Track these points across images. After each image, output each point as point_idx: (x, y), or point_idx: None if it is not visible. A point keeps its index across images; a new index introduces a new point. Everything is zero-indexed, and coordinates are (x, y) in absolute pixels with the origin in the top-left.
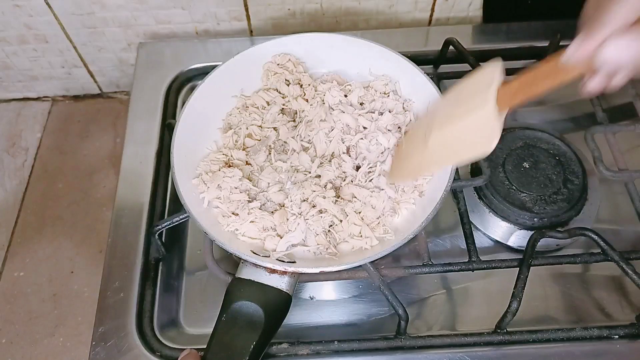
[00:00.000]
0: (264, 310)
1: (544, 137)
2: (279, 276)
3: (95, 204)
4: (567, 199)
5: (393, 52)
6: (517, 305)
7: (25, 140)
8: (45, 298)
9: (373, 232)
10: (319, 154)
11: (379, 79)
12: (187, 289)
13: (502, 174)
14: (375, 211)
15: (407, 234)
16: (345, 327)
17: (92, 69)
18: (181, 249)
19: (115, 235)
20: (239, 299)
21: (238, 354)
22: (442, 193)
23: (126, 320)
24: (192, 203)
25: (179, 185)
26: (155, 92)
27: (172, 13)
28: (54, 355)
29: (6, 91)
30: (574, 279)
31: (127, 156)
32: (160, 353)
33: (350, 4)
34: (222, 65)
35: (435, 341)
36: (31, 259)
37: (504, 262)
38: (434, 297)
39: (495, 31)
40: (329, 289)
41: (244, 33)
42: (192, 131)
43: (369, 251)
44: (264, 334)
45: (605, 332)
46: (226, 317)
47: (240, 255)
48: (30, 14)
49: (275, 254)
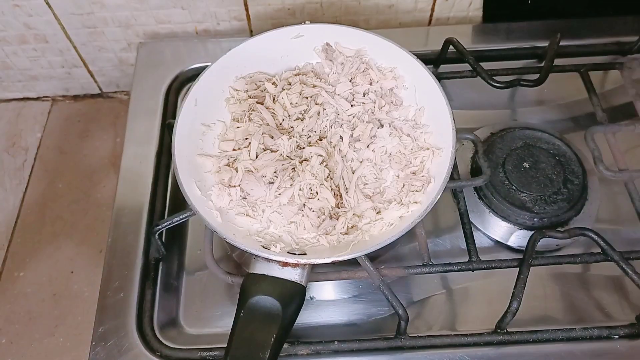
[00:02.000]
0: (281, 302)
1: (544, 137)
2: (292, 268)
3: (95, 204)
4: (567, 199)
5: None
6: (517, 305)
7: (25, 140)
8: (45, 298)
9: (382, 220)
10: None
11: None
12: (187, 288)
13: (502, 174)
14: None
15: (414, 218)
16: (345, 327)
17: (92, 69)
18: (181, 248)
19: (115, 235)
20: (255, 294)
21: (260, 347)
22: (444, 176)
23: (126, 320)
24: (197, 202)
25: (183, 185)
26: (155, 92)
27: (172, 13)
28: (54, 355)
29: (6, 91)
30: (574, 279)
31: (127, 156)
32: (160, 353)
33: (350, 4)
34: (213, 64)
35: (435, 341)
36: (31, 259)
37: (504, 262)
38: (434, 297)
39: (495, 31)
40: (329, 289)
41: (244, 33)
42: (191, 130)
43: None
44: (282, 326)
45: (605, 332)
46: (244, 313)
47: (251, 251)
48: (30, 13)
49: (286, 247)
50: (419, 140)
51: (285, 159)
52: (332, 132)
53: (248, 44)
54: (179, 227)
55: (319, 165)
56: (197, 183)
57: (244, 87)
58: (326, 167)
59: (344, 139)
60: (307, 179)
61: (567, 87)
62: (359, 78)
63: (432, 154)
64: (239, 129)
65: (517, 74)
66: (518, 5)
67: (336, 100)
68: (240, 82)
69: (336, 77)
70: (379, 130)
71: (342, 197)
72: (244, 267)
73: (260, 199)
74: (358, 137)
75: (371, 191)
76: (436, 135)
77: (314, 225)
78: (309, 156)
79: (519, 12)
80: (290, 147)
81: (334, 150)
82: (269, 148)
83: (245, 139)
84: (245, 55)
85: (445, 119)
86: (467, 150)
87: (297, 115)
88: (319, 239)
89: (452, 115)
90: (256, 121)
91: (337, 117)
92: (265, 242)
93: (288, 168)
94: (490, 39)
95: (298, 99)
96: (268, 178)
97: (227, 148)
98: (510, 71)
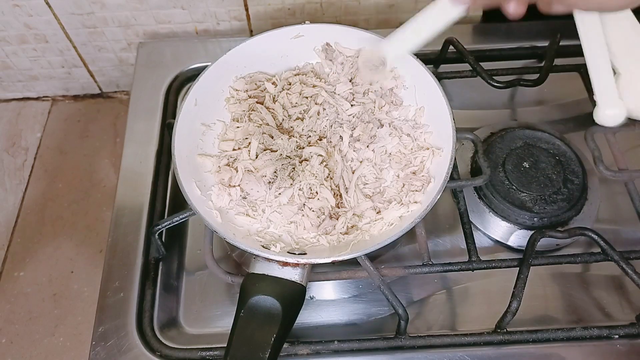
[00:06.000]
0: (281, 302)
1: (544, 137)
2: (292, 268)
3: (95, 204)
4: (567, 198)
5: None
6: (517, 305)
7: (25, 140)
8: (45, 298)
9: (382, 220)
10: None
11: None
12: (187, 288)
13: (502, 173)
14: (376, 182)
15: (414, 218)
16: (345, 327)
17: (92, 69)
18: (181, 248)
19: (115, 235)
20: (255, 293)
21: (260, 347)
22: (444, 175)
23: (126, 320)
24: (197, 202)
25: (183, 184)
26: (155, 92)
27: (172, 13)
28: (54, 355)
29: (6, 91)
30: (574, 279)
31: (127, 156)
32: (160, 353)
33: (350, 3)
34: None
35: (435, 341)
36: (31, 259)
37: (504, 262)
38: (434, 297)
39: (495, 31)
40: (329, 288)
41: (244, 33)
42: (191, 130)
43: (377, 237)
44: (282, 326)
45: (605, 332)
46: (244, 313)
47: (251, 251)
48: (30, 13)
49: (285, 247)
50: (419, 140)
51: (285, 159)
52: (332, 132)
53: (248, 44)
54: (179, 227)
55: (318, 165)
56: (197, 183)
57: (243, 87)
58: (326, 167)
59: (343, 139)
60: (307, 179)
61: (567, 87)
62: (359, 78)
63: (432, 153)
64: (239, 129)
65: (517, 73)
66: None
67: (336, 100)
68: (240, 82)
69: (336, 77)
70: (379, 130)
71: (342, 197)
72: (244, 267)
73: (260, 199)
74: (358, 137)
75: (371, 191)
76: (436, 135)
77: (313, 225)
78: (308, 156)
79: None
80: (290, 147)
81: (334, 150)
82: (269, 148)
83: (245, 139)
84: (245, 55)
85: (445, 119)
86: (467, 150)
87: (297, 115)
88: (319, 239)
89: (452, 115)
90: (256, 121)
91: (337, 117)
92: (265, 242)
93: (288, 168)
94: (490, 39)
95: (298, 98)
96: (268, 178)
97: (227, 148)
98: (510, 71)
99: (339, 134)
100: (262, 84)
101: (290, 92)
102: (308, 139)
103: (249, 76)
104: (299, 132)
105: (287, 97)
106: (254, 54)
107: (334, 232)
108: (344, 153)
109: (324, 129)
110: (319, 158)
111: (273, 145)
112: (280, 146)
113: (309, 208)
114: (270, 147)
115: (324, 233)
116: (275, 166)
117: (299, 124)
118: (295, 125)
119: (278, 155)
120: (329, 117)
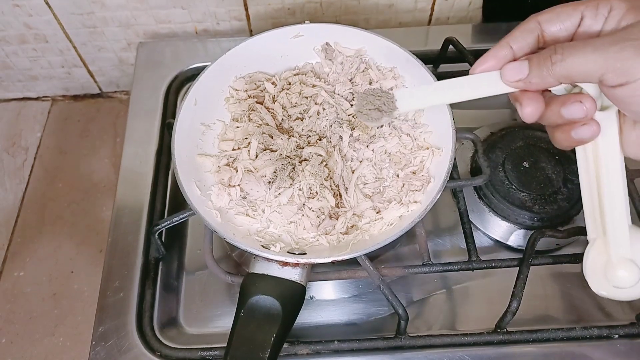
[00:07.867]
0: (281, 302)
1: (544, 137)
2: (292, 268)
3: (95, 204)
4: (567, 198)
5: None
6: (517, 305)
7: (25, 140)
8: (45, 298)
9: (382, 220)
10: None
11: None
12: (187, 288)
13: (502, 173)
14: (376, 182)
15: (414, 218)
16: (345, 326)
17: (92, 69)
18: (181, 248)
19: (115, 235)
20: (254, 293)
21: (260, 347)
22: (444, 175)
23: (126, 320)
24: (197, 202)
25: (183, 184)
26: (155, 92)
27: (172, 13)
28: (54, 354)
29: (6, 91)
30: (574, 278)
31: (127, 156)
32: (160, 353)
33: (350, 3)
34: (212, 64)
35: (435, 341)
36: (31, 259)
37: (503, 262)
38: (434, 297)
39: (495, 30)
40: (329, 288)
41: (244, 32)
42: (191, 130)
43: (378, 237)
44: (282, 325)
45: (605, 331)
46: (244, 313)
47: (251, 251)
48: (30, 13)
49: (285, 247)
50: (418, 140)
51: (285, 159)
52: (331, 131)
53: (248, 44)
54: (179, 227)
55: (318, 165)
56: (196, 183)
57: (243, 87)
58: (326, 166)
59: (343, 139)
60: (307, 179)
61: None
62: (359, 78)
63: (432, 153)
64: (239, 129)
65: None
66: (518, 5)
67: (336, 100)
68: (240, 81)
69: (336, 76)
70: (378, 130)
71: (341, 196)
72: (244, 267)
73: (260, 199)
74: (358, 137)
75: (371, 191)
76: (436, 135)
77: (313, 225)
78: (308, 156)
79: (519, 11)
80: (290, 146)
81: (334, 150)
82: (269, 148)
83: (244, 139)
84: (244, 55)
85: (445, 119)
86: (467, 149)
87: (297, 115)
88: (319, 239)
89: (451, 115)
90: (256, 121)
91: (336, 117)
92: (265, 242)
93: (288, 168)
94: (490, 39)
95: (298, 98)
96: (268, 178)
97: (227, 148)
98: None
99: (338, 134)
100: (261, 84)
101: (290, 92)
102: (308, 139)
103: (249, 76)
104: (298, 132)
105: (286, 97)
106: (253, 53)
107: (334, 232)
108: (343, 153)
109: (323, 129)
110: (318, 158)
111: (273, 145)
112: (280, 146)
113: (308, 208)
114: (270, 147)
115: (323, 233)
116: (275, 166)
117: (298, 124)
118: (295, 125)
119: (278, 155)
120: (328, 117)
